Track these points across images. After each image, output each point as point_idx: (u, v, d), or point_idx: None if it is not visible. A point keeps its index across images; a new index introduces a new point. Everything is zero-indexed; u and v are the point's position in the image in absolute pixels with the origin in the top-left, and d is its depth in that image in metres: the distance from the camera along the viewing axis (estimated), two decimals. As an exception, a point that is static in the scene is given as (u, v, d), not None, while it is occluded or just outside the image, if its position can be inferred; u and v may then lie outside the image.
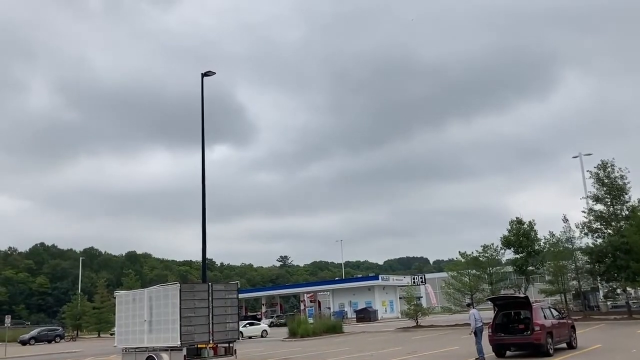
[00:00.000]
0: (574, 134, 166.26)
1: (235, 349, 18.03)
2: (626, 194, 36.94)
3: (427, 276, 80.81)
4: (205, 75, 28.38)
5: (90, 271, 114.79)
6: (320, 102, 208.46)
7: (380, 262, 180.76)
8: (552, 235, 38.84)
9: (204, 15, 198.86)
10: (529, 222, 40.13)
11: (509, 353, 18.38)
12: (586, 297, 41.68)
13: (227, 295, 17.82)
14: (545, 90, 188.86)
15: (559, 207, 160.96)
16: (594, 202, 37.83)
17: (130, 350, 18.58)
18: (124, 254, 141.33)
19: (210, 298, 17.08)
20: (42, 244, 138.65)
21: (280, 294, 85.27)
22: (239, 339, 18.29)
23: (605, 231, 37.19)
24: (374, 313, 59.89)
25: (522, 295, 20.39)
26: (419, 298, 47.63)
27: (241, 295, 66.04)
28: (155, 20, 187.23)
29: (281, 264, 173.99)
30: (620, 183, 36.86)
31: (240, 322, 25.48)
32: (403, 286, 61.98)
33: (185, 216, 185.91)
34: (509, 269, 42.06)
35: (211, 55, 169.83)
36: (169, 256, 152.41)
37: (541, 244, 39.60)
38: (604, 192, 37.25)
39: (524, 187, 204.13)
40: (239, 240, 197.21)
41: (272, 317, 68.54)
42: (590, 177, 38.32)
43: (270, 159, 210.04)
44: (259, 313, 72.67)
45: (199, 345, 16.61)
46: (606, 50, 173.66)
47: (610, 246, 35.83)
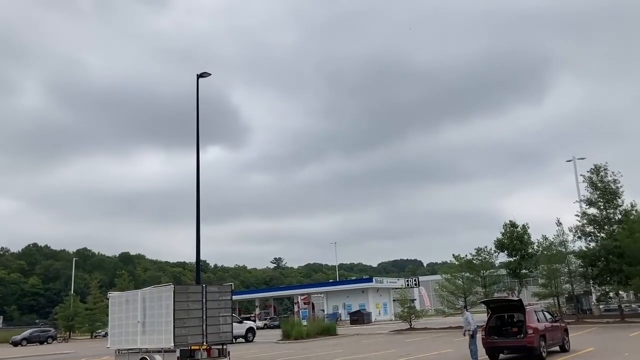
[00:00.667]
0: (568, 137, 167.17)
1: (229, 351, 17.98)
2: (619, 198, 37.17)
3: (421, 279, 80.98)
4: (200, 76, 28.27)
5: (83, 272, 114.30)
6: (315, 105, 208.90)
7: (374, 265, 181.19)
8: (545, 238, 39.06)
9: (198, 17, 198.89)
10: (523, 226, 40.32)
11: (502, 356, 18.41)
12: (579, 301, 41.86)
13: (221, 297, 17.74)
14: (540, 93, 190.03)
15: (552, 211, 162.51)
16: (587, 206, 38.06)
17: (123, 352, 18.50)
18: (117, 255, 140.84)
19: (204, 300, 16.99)
20: (34, 244, 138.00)
21: (274, 296, 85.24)
22: (232, 341, 18.22)
23: (598, 235, 37.39)
24: (368, 315, 59.94)
25: (515, 298, 20.43)
26: (412, 301, 47.69)
27: (235, 297, 65.61)
28: (147, 22, 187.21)
29: (275, 265, 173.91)
30: (613, 187, 37.09)
31: None
32: (397, 289, 61.98)
33: (179, 217, 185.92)
34: (503, 272, 42.17)
35: (205, 57, 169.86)
36: (163, 257, 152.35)
37: (535, 247, 39.80)
38: (597, 195, 37.46)
39: (518, 190, 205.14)
40: (232, 241, 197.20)
41: (266, 319, 68.50)
42: (584, 180, 38.59)
43: (264, 161, 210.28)
44: (253, 315, 72.46)
45: (193, 347, 16.53)
46: (600, 54, 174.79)
47: (603, 250, 36.01)
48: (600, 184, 37.36)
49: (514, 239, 39.70)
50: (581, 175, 39.77)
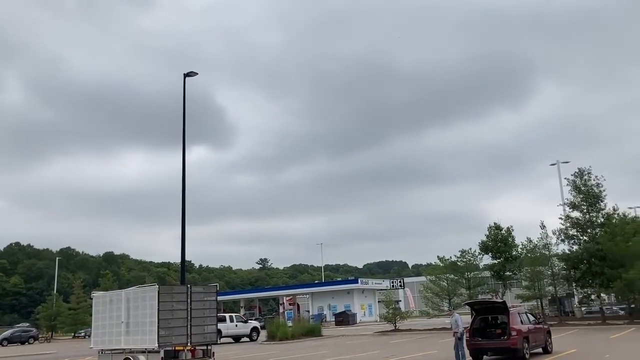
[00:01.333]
0: (550, 142, 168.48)
1: (214, 352, 17.92)
2: (602, 201, 37.60)
3: (406, 280, 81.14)
4: (187, 75, 28.16)
5: (66, 271, 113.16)
6: (300, 106, 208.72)
7: (360, 266, 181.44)
8: (529, 241, 39.37)
9: (183, 17, 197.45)
10: (507, 228, 40.63)
11: (486, 357, 18.56)
12: (562, 303, 42.28)
13: (206, 298, 17.68)
14: (522, 98, 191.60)
15: (536, 214, 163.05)
16: (571, 209, 38.44)
17: (106, 352, 18.36)
18: (101, 255, 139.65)
19: (188, 300, 16.92)
20: (17, 243, 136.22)
21: (259, 297, 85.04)
22: (217, 341, 18.17)
23: (581, 238, 37.77)
24: (353, 316, 60.03)
25: (499, 300, 20.61)
26: (397, 302, 47.81)
27: (220, 298, 65.30)
28: (132, 21, 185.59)
29: (261, 266, 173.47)
30: (596, 191, 37.50)
31: None
32: (382, 290, 62.08)
33: (164, 217, 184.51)
34: (487, 274, 42.47)
35: (190, 56, 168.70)
36: (147, 257, 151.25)
37: (518, 249, 40.08)
38: (580, 199, 37.86)
39: (502, 193, 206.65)
40: (218, 242, 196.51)
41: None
42: (568, 184, 38.99)
43: (249, 161, 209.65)
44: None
45: (177, 348, 16.44)
46: (582, 59, 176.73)
47: (586, 253, 36.41)
48: (583, 188, 37.77)
49: (499, 241, 39.99)
50: (565, 178, 40.22)
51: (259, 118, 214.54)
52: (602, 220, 37.37)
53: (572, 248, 38.05)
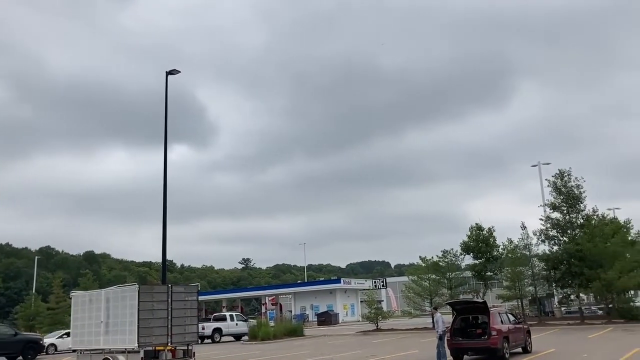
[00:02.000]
0: (531, 143, 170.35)
1: (194, 352, 17.80)
2: (581, 202, 38.06)
3: (389, 280, 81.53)
4: (170, 73, 27.95)
5: (46, 271, 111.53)
6: (282, 106, 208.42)
7: (343, 266, 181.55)
8: (510, 241, 39.65)
9: (163, 16, 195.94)
10: (489, 229, 40.87)
11: (466, 357, 18.68)
12: (542, 303, 42.69)
13: (187, 297, 17.56)
14: (504, 99, 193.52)
15: (517, 214, 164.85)
16: (551, 210, 38.85)
17: (85, 352, 18.14)
18: (81, 254, 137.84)
19: (169, 300, 16.79)
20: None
21: (242, 297, 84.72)
22: (198, 341, 18.04)
23: (561, 239, 38.19)
24: (335, 316, 60.09)
25: (480, 300, 20.74)
26: (379, 302, 47.94)
27: (202, 298, 65.06)
28: (113, 18, 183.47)
29: (243, 266, 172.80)
30: (577, 192, 37.95)
31: None
32: (365, 290, 62.27)
33: (146, 216, 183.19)
34: (468, 274, 42.73)
35: (171, 55, 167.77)
36: (129, 257, 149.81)
37: (500, 250, 40.37)
38: (560, 200, 38.28)
39: (483, 194, 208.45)
40: (200, 242, 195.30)
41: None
42: (548, 185, 39.42)
43: (230, 161, 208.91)
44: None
45: (157, 348, 16.31)
46: (562, 62, 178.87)
47: (566, 253, 36.83)
48: (564, 189, 38.20)
49: (480, 241, 40.24)
50: (546, 179, 40.66)
51: (241, 117, 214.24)
52: (582, 221, 37.83)
53: (552, 249, 38.50)
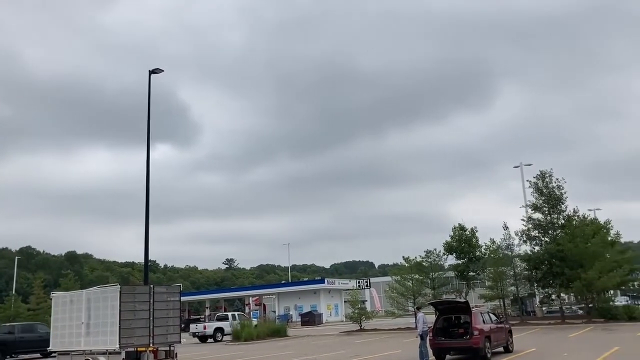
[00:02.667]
0: (512, 145, 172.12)
1: (176, 353, 17.70)
2: (563, 203, 38.46)
3: (372, 280, 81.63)
4: (153, 72, 27.77)
5: (26, 271, 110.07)
6: (266, 105, 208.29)
7: (327, 266, 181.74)
8: (492, 242, 39.88)
9: (146, 15, 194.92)
10: (471, 229, 41.08)
11: (448, 357, 18.80)
12: (523, 303, 43.05)
13: (169, 298, 17.45)
14: (486, 101, 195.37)
15: (499, 215, 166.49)
16: (533, 211, 39.21)
17: (66, 354, 17.94)
18: (63, 254, 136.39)
19: (151, 300, 16.68)
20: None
21: (225, 297, 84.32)
22: (180, 342, 17.94)
23: (543, 239, 38.54)
24: (319, 317, 60.11)
25: (462, 300, 20.88)
26: (363, 302, 48.03)
27: (185, 298, 64.83)
28: (92, 17, 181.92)
29: (227, 266, 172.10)
30: (558, 193, 38.34)
31: None
32: (348, 290, 62.33)
33: (128, 216, 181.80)
34: (451, 274, 42.93)
35: (153, 54, 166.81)
36: (111, 257, 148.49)
37: (482, 250, 40.62)
38: (542, 201, 38.65)
39: (465, 194, 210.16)
40: (183, 242, 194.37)
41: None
42: (530, 186, 39.76)
43: (214, 161, 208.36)
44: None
45: (139, 349, 16.19)
46: (541, 64, 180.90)
47: (547, 254, 37.18)
48: (545, 190, 38.57)
49: (463, 242, 40.45)
50: (527, 180, 41.00)
51: (224, 117, 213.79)
52: (563, 221, 38.23)
53: (534, 249, 38.81)
